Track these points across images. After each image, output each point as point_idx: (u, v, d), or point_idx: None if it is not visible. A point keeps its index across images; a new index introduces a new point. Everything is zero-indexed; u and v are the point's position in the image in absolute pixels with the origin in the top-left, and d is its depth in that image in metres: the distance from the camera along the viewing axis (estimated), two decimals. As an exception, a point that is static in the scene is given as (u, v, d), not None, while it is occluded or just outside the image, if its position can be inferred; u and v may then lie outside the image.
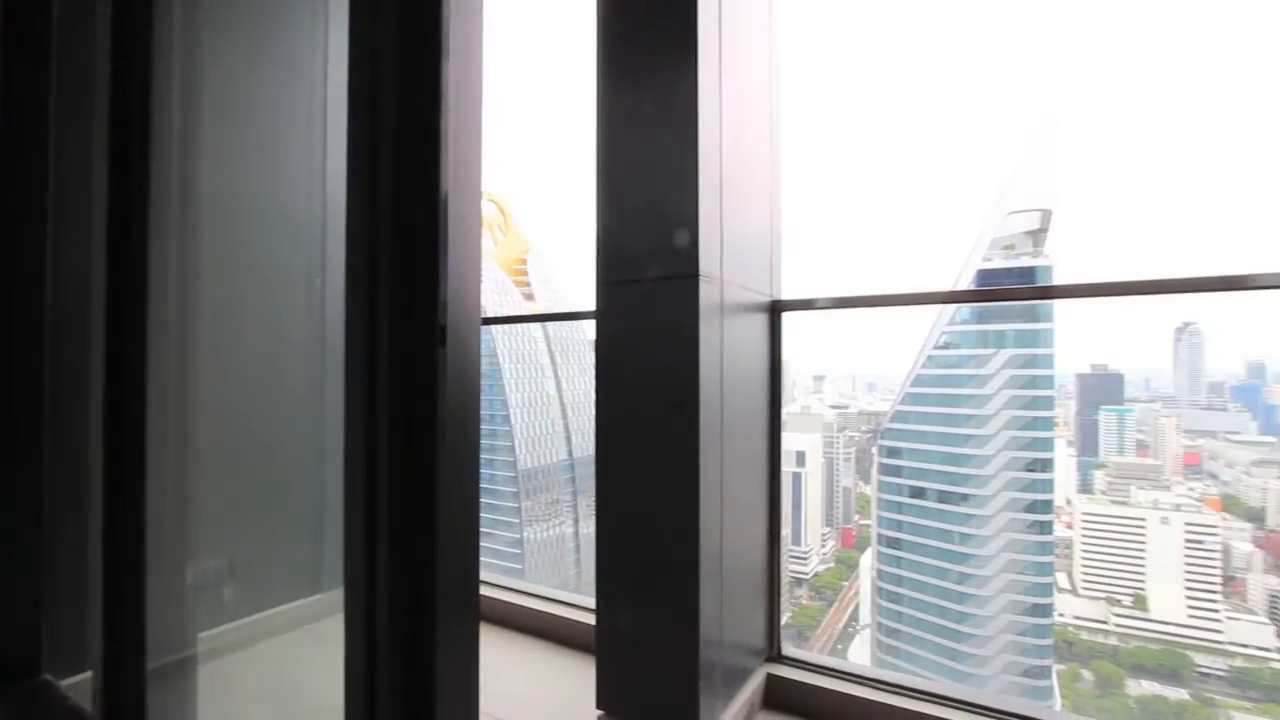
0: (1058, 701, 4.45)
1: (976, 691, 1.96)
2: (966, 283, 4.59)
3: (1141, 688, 4.19)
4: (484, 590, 2.70)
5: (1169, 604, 4.10)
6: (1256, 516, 3.94)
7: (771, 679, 2.03)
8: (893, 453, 5.11)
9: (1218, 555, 3.97)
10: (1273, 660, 3.74)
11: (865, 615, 5.79)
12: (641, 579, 1.76)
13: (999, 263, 4.42)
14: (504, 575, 2.86)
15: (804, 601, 6.31)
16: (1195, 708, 3.97)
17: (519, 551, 6.85)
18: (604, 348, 1.81)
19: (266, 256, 1.54)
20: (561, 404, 7.21)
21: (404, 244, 0.91)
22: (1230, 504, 4.04)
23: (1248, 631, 3.84)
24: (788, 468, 6.50)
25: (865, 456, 5.70)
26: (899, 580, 5.19)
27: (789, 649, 2.15)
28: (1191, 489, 4.17)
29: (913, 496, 4.99)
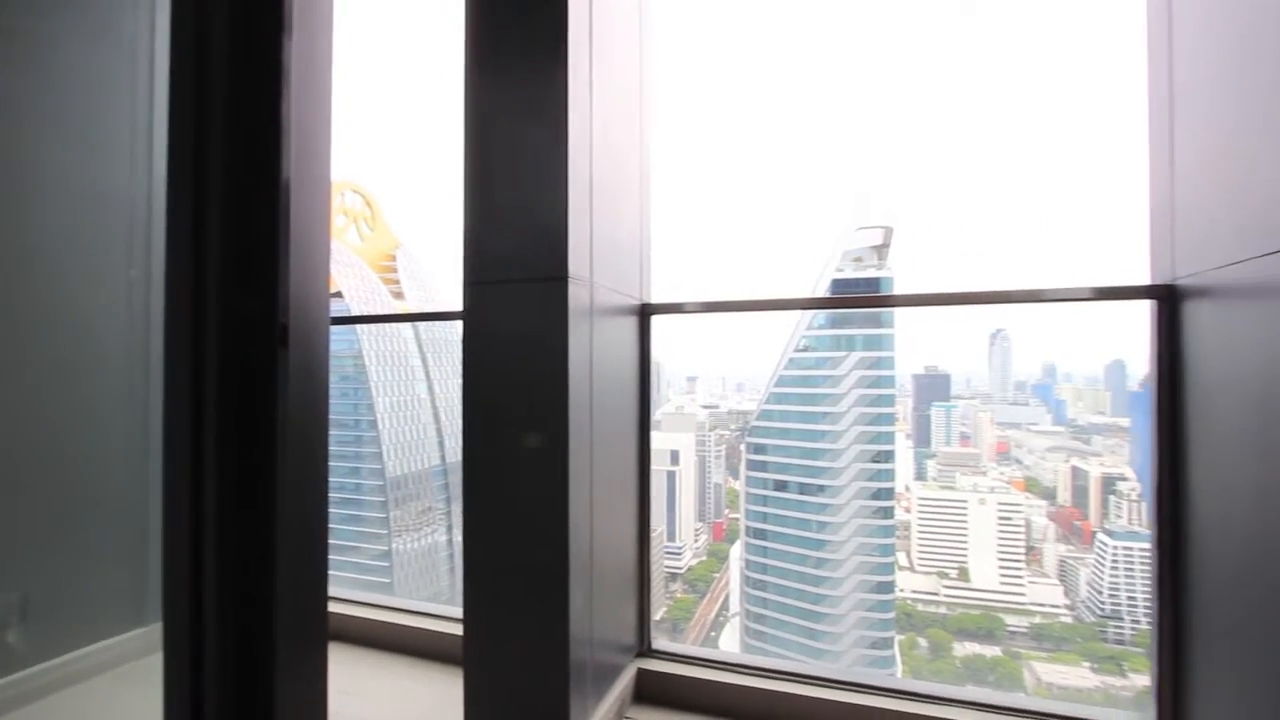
0: (899, 668, 4.94)
1: (831, 666, 2.13)
2: (823, 290, 4.98)
3: (965, 649, 4.77)
4: (347, 609, 2.53)
5: (985, 574, 4.72)
6: (1050, 495, 4.66)
7: (642, 674, 2.08)
8: (759, 449, 5.43)
9: (1022, 529, 4.64)
10: (1061, 615, 4.43)
11: (735, 604, 6.07)
12: (510, 583, 1.73)
13: (850, 273, 4.85)
14: (371, 591, 2.70)
15: (679, 595, 6.51)
16: (1006, 661, 4.59)
17: (387, 564, 6.46)
18: (471, 349, 1.77)
19: (75, 245, 1.34)
20: (434, 407, 6.90)
21: (237, 235, 0.83)
22: (1031, 485, 4.75)
23: (1044, 593, 4.52)
24: (662, 466, 6.67)
25: (734, 453, 5.99)
26: (764, 569, 5.51)
27: (660, 643, 2.21)
28: (1002, 473, 4.85)
29: (776, 489, 5.33)
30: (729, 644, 5.93)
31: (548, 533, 1.67)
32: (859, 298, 4.56)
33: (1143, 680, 1.91)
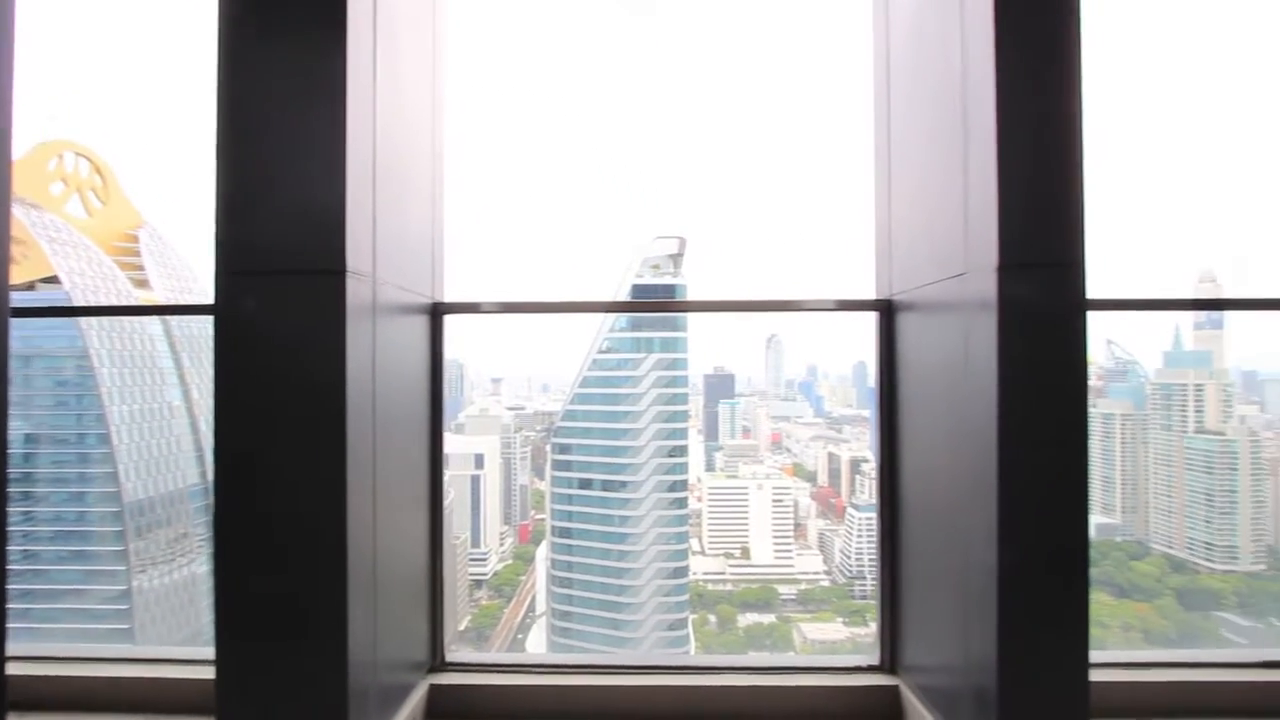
0: (692, 645, 5.35)
1: (631, 653, 2.23)
2: (624, 295, 5.22)
3: (747, 620, 5.32)
4: (53, 669, 2.04)
5: (763, 551, 5.33)
6: (812, 477, 5.42)
7: (435, 690, 1.99)
8: (564, 449, 5.51)
9: (791, 509, 5.32)
10: (821, 580, 5.17)
11: (542, 604, 6.09)
12: (275, 610, 1.54)
13: (649, 279, 5.14)
14: (100, 642, 2.21)
15: (484, 602, 6.34)
16: (780, 626, 5.22)
17: (127, 607, 5.34)
18: (226, 349, 1.54)
19: None
20: (191, 416, 5.86)
21: None
22: (798, 470, 5.48)
23: (808, 562, 5.24)
24: (466, 471, 6.43)
25: (540, 454, 6.00)
26: (570, 566, 5.61)
27: (458, 654, 2.14)
28: (776, 461, 5.52)
29: (581, 488, 5.45)
30: (536, 645, 5.93)
31: (322, 550, 1.52)
32: (656, 302, 4.87)
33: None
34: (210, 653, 1.55)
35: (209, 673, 1.56)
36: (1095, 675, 1.99)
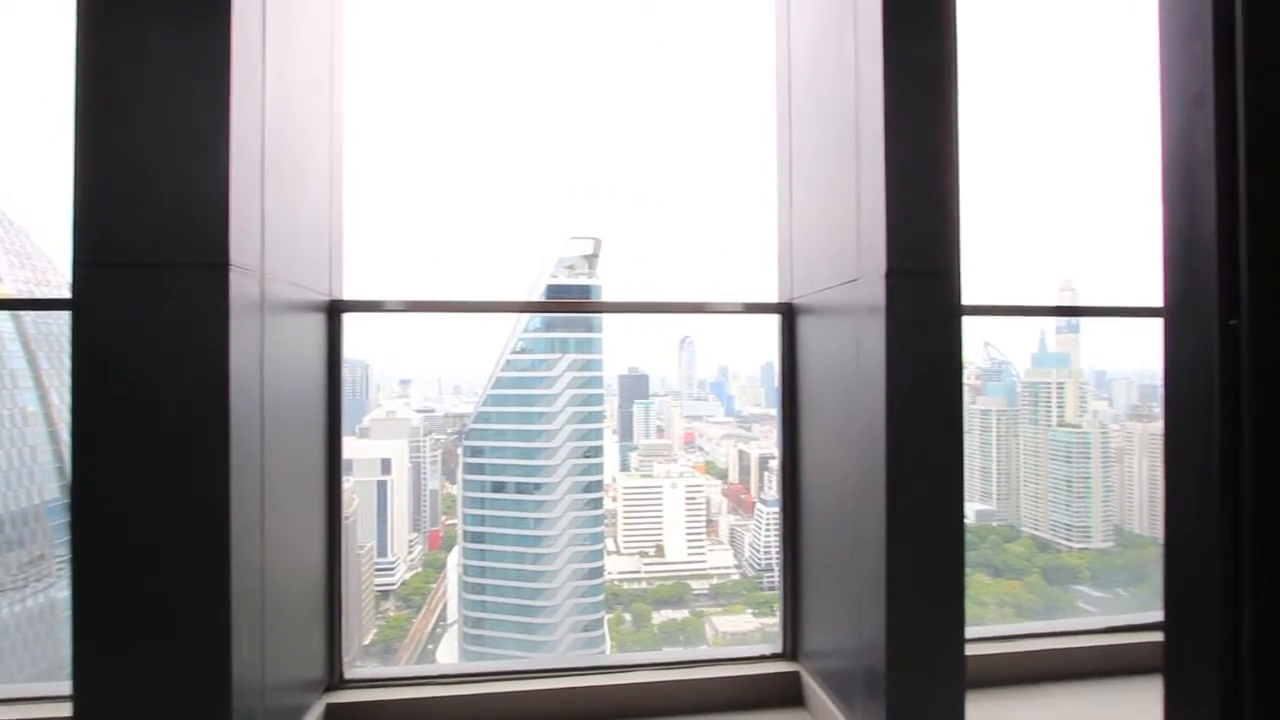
0: (608, 645, 5.36)
1: (547, 656, 2.21)
2: (539, 295, 5.15)
3: (662, 616, 5.40)
4: None
5: (677, 548, 5.42)
6: (723, 475, 5.57)
7: (332, 709, 1.89)
8: (476, 452, 5.37)
9: (703, 506, 5.45)
10: (732, 574, 5.33)
11: (453, 612, 5.91)
12: (145, 636, 1.41)
13: (564, 279, 5.11)
14: None
15: (391, 613, 6.08)
16: (693, 621, 5.33)
17: (-34, 643, 4.70)
18: (86, 348, 1.40)
19: None
20: (50, 424, 5.24)
21: None
22: (710, 468, 5.62)
23: (720, 557, 5.38)
24: (372, 476, 6.15)
25: (452, 457, 5.82)
26: (482, 572, 5.48)
27: (358, 670, 2.04)
28: (689, 460, 5.64)
29: (494, 491, 5.34)
30: (447, 655, 5.75)
31: (200, 567, 1.40)
32: (570, 302, 4.85)
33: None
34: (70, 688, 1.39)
35: (69, 710, 1.41)
36: (973, 649, 2.18)
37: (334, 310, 1.99)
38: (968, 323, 1.69)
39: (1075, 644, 2.25)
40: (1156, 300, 0.97)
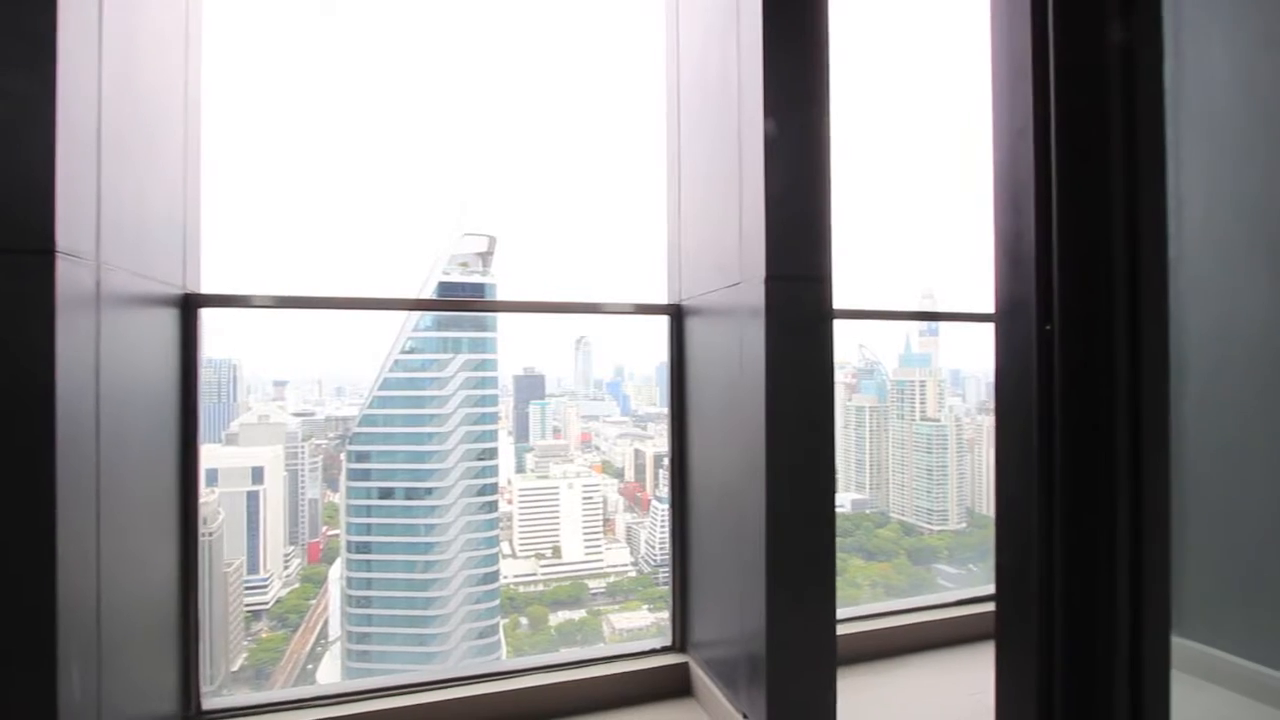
0: (504, 650, 5.25)
1: (439, 667, 2.13)
2: (430, 292, 4.95)
3: (559, 618, 5.36)
4: None
5: (574, 548, 5.41)
6: (620, 474, 5.63)
7: (186, 743, 1.72)
8: (361, 457, 5.08)
9: (600, 506, 5.47)
10: (629, 572, 5.39)
11: (336, 629, 5.56)
12: (-55, 681, 1.22)
13: (457, 277, 4.94)
14: None
15: (264, 634, 5.61)
16: (590, 620, 5.33)
17: None
18: None
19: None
20: None
21: None
22: (607, 467, 5.65)
23: (617, 556, 5.43)
24: (240, 487, 5.66)
25: (334, 464, 5.46)
26: (368, 584, 5.19)
27: (220, 699, 1.87)
28: (586, 459, 5.64)
29: (381, 498, 5.07)
30: (329, 675, 5.39)
31: (16, 597, 1.23)
32: (462, 301, 4.70)
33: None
34: None
35: None
36: (845, 629, 2.34)
37: (189, 304, 1.80)
38: (843, 326, 1.82)
39: (933, 617, 2.49)
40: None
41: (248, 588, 5.36)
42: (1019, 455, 1.04)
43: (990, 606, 2.47)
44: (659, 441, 5.63)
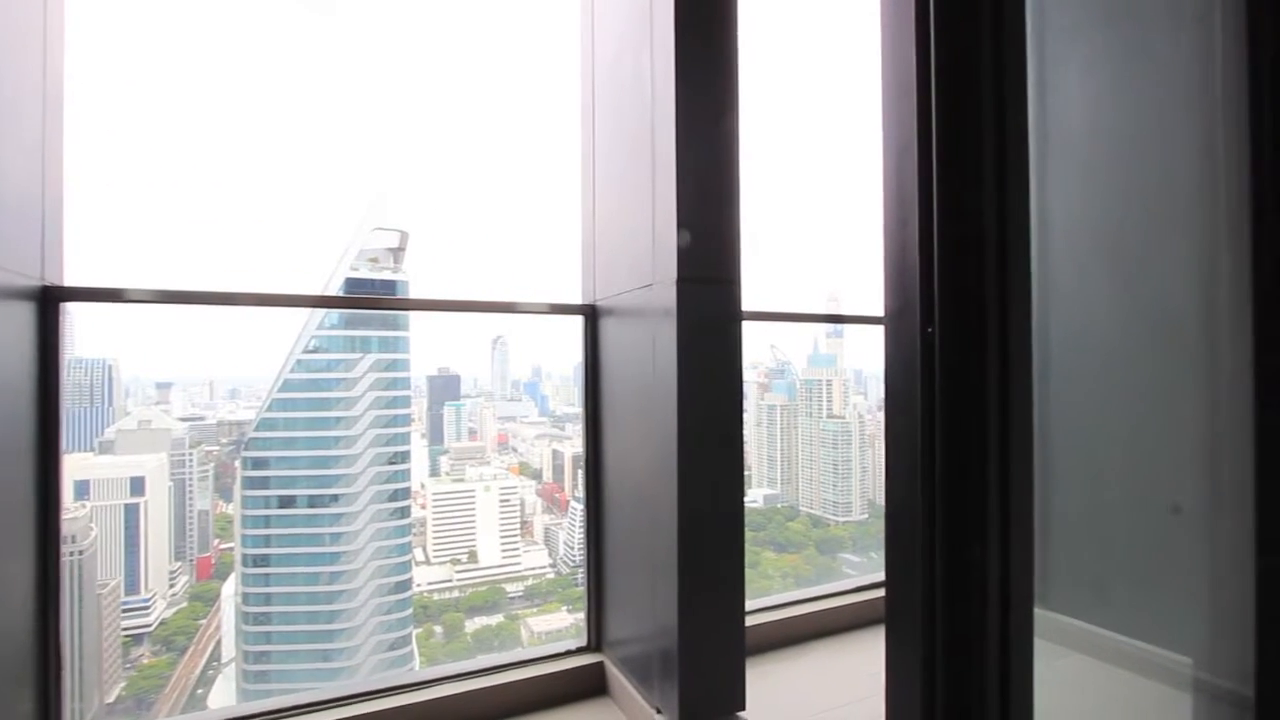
0: (417, 661, 5.07)
1: (347, 683, 2.02)
2: (336, 289, 4.70)
3: (475, 624, 5.23)
4: None
5: (491, 552, 5.30)
6: (538, 475, 5.56)
7: (46, 784, 1.55)
8: (259, 463, 4.75)
9: (518, 508, 5.39)
10: (547, 574, 5.34)
11: (230, 649, 5.18)
12: None
13: (366, 273, 4.72)
14: None
15: (146, 660, 5.14)
16: (508, 625, 5.24)
17: None
18: None
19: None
20: None
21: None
22: (524, 469, 5.58)
23: (535, 558, 5.36)
24: (118, 499, 5.18)
25: (228, 471, 5.08)
26: (267, 599, 4.87)
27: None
28: (503, 461, 5.54)
29: (282, 507, 4.77)
30: (222, 699, 5.02)
31: None
32: (372, 298, 4.50)
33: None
34: None
35: None
36: (756, 619, 2.43)
37: (49, 298, 1.62)
38: (757, 328, 1.89)
39: (837, 604, 2.63)
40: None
41: (126, 610, 4.90)
42: (905, 449, 1.12)
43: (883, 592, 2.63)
44: (578, 442, 5.61)
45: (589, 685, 2.14)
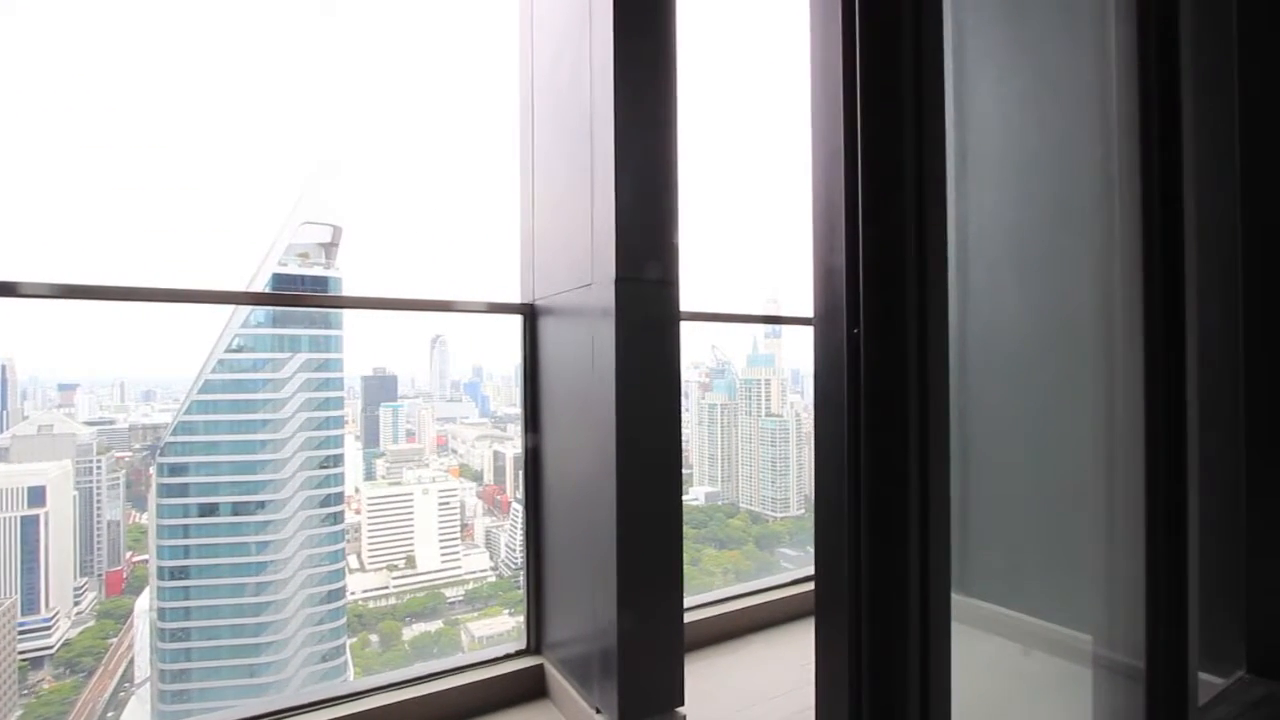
0: (351, 672, 4.88)
1: (275, 698, 1.92)
2: (263, 285, 4.49)
3: (413, 631, 5.09)
4: None
5: (430, 557, 5.16)
6: (478, 477, 5.46)
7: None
8: (177, 470, 4.48)
9: (458, 511, 5.28)
10: (489, 577, 5.25)
11: (144, 669, 4.85)
12: None
13: (295, 269, 4.51)
14: None
15: (48, 685, 4.76)
16: (447, 631, 5.12)
17: None
18: None
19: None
20: None
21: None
22: (464, 470, 5.47)
23: (476, 561, 5.26)
24: (14, 511, 4.80)
25: (141, 479, 4.76)
26: (187, 614, 4.60)
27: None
28: (442, 463, 5.41)
29: (203, 515, 4.51)
30: (136, 722, 4.70)
31: None
32: (299, 296, 4.30)
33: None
34: None
35: None
36: (696, 615, 2.46)
37: (-74, 294, 1.48)
38: (698, 328, 1.91)
39: (774, 597, 2.69)
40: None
41: (23, 631, 4.53)
42: (834, 446, 1.16)
43: (819, 583, 2.71)
44: (519, 442, 5.54)
45: (529, 688, 2.12)
